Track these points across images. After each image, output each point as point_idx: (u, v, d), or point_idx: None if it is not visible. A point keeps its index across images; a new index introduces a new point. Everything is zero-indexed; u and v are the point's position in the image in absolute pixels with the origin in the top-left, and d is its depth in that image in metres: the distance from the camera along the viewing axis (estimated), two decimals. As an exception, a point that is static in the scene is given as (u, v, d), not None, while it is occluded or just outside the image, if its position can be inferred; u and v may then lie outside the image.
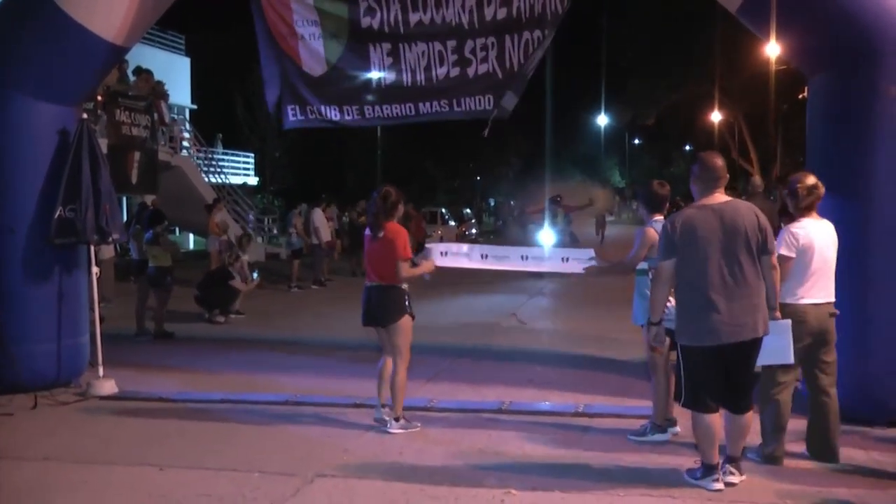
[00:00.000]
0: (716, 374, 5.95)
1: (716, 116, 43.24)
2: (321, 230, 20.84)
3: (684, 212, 6.05)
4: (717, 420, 6.02)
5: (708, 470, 6.05)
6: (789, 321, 6.25)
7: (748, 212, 5.97)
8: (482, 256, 8.80)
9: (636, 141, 75.44)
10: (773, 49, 17.35)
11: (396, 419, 7.74)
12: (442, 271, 8.55)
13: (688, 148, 60.73)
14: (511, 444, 7.27)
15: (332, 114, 9.94)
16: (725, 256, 5.83)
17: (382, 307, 7.73)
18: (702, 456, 6.11)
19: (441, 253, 8.58)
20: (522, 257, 8.76)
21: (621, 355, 10.81)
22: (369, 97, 9.80)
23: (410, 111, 9.73)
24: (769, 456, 6.59)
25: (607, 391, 9.05)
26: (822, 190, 6.67)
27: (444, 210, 38.47)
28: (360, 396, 8.79)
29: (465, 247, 9.11)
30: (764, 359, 6.12)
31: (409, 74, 9.59)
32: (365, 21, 9.51)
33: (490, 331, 13.35)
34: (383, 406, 7.87)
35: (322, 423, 8.02)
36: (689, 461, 6.48)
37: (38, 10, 8.90)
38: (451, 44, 9.42)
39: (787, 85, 32.02)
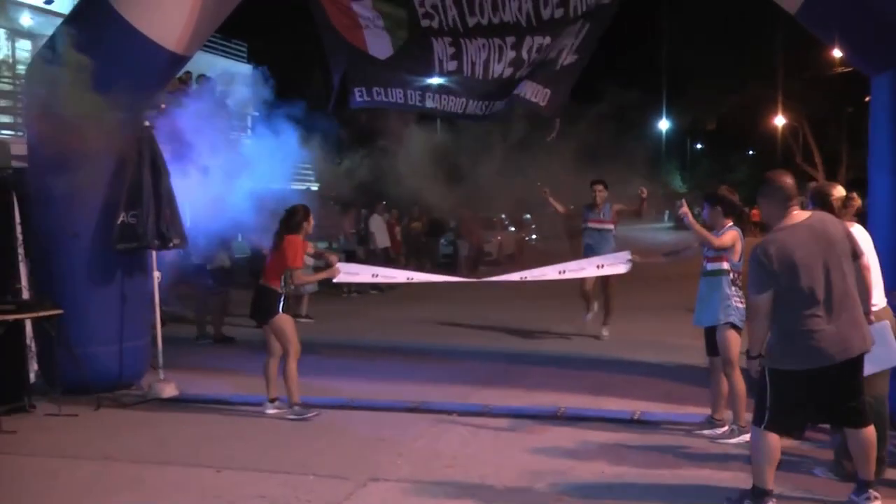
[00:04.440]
0: (815, 395, 5.59)
1: (779, 120, 42.64)
2: (377, 235, 20.96)
3: (775, 238, 5.64)
4: (778, 441, 5.65)
5: (759, 496, 5.65)
6: (886, 322, 6.03)
7: (833, 221, 5.74)
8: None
9: (697, 145, 74.56)
10: (836, 50, 17.07)
11: (291, 406, 8.46)
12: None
13: (750, 153, 59.91)
14: (565, 451, 7.24)
15: (397, 96, 9.97)
16: (827, 272, 5.50)
17: (256, 305, 8.61)
18: (755, 479, 5.72)
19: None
20: (560, 272, 8.88)
21: (678, 360, 10.70)
22: (432, 84, 9.83)
23: (462, 107, 9.73)
24: (850, 473, 6.06)
25: (664, 397, 8.97)
26: (859, 202, 6.45)
27: (503, 216, 38.23)
28: (415, 401, 8.84)
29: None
30: (869, 367, 5.78)
31: (470, 66, 9.59)
32: (424, 22, 9.54)
33: (544, 336, 13.32)
34: (272, 401, 8.62)
35: (376, 427, 8.06)
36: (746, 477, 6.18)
37: (101, 19, 9.09)
38: (511, 40, 9.40)
39: (851, 86, 31.47)
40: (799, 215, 5.68)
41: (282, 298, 8.53)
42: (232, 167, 13.24)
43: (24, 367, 8.91)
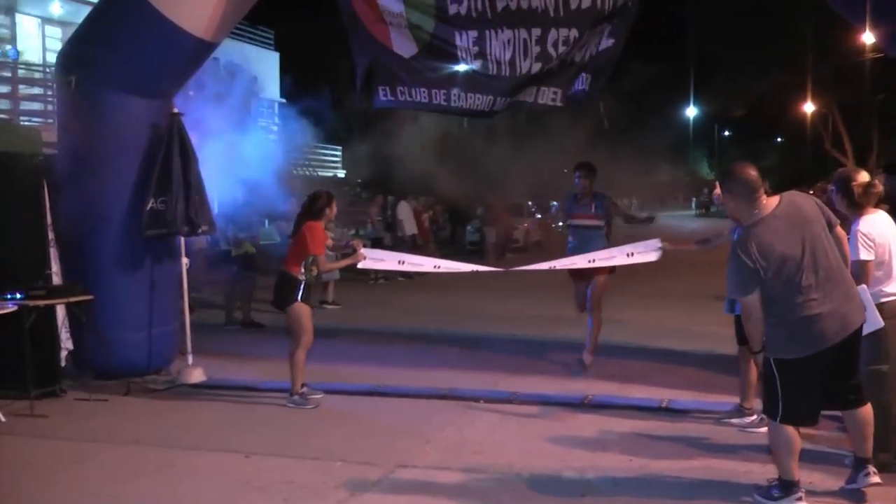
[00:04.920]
0: (820, 378, 5.48)
1: (808, 107, 42.25)
2: (405, 223, 20.97)
3: (752, 234, 5.48)
4: (796, 432, 5.57)
5: (787, 487, 5.59)
6: (864, 285, 5.84)
7: (804, 198, 5.63)
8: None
9: (725, 132, 74.08)
10: (868, 35, 16.87)
11: (291, 394, 8.44)
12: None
13: (779, 140, 59.46)
14: (593, 439, 7.23)
15: (422, 96, 9.96)
16: (811, 254, 5.38)
17: (276, 292, 8.55)
18: (780, 471, 5.65)
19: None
20: (589, 261, 8.82)
21: (706, 349, 10.64)
22: (456, 83, 9.81)
23: (489, 105, 9.71)
24: (882, 463, 5.91)
25: (692, 385, 8.92)
26: (881, 188, 6.24)
27: (530, 202, 38.12)
28: (443, 388, 8.84)
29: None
30: None
31: (494, 65, 9.56)
32: (452, 8, 9.50)
33: (575, 323, 13.26)
34: (304, 386, 8.56)
35: (405, 414, 8.08)
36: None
37: (130, 7, 9.13)
38: (536, 32, 9.33)
39: (883, 73, 31.12)
40: (768, 204, 5.52)
41: (301, 286, 8.43)
42: (256, 154, 13.30)
43: (55, 352, 8.99)
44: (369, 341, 11.99)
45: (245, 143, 13.23)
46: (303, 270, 8.40)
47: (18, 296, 8.36)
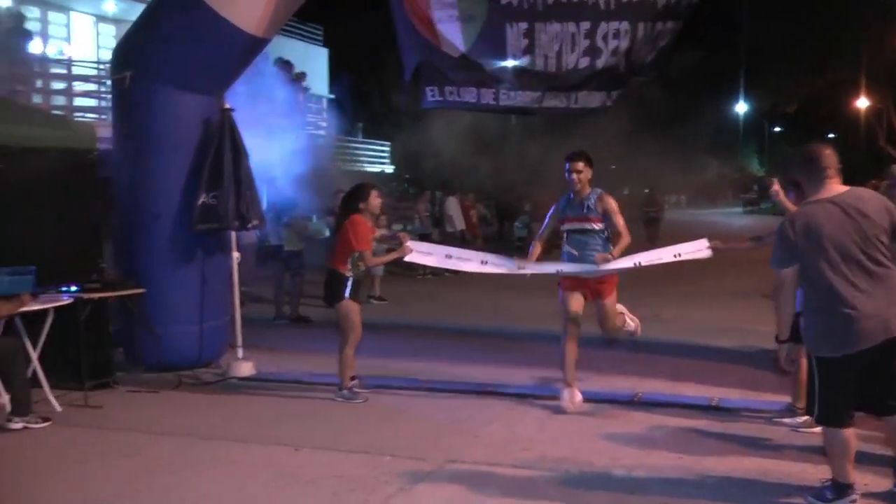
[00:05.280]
0: (856, 379, 5.36)
1: (862, 102, 41.60)
2: (454, 218, 20.98)
3: (803, 211, 5.48)
4: (853, 434, 5.47)
5: (840, 490, 5.48)
6: None
7: (872, 196, 5.50)
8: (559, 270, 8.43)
9: (776, 129, 73.20)
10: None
11: (340, 389, 8.45)
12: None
13: (831, 136, 58.63)
14: (642, 437, 7.19)
15: (469, 96, 9.97)
16: (860, 250, 5.26)
17: (326, 288, 8.55)
18: (834, 473, 5.54)
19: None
20: (636, 264, 8.39)
21: (756, 347, 10.52)
22: (504, 81, 9.79)
23: (536, 102, 9.68)
24: None
25: (742, 384, 8.83)
26: None
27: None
28: (491, 383, 8.84)
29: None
30: None
31: (542, 59, 9.52)
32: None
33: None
34: (351, 379, 8.54)
35: (453, 410, 8.09)
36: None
37: (183, 4, 9.24)
38: (585, 26, 9.30)
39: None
40: (834, 189, 5.43)
41: (349, 282, 8.36)
42: (304, 149, 13.36)
43: (108, 345, 9.12)
44: (416, 336, 12.01)
45: (293, 137, 13.32)
46: (349, 266, 8.34)
47: (74, 289, 8.50)
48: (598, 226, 8.06)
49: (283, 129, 15.52)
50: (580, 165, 8.04)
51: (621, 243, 7.98)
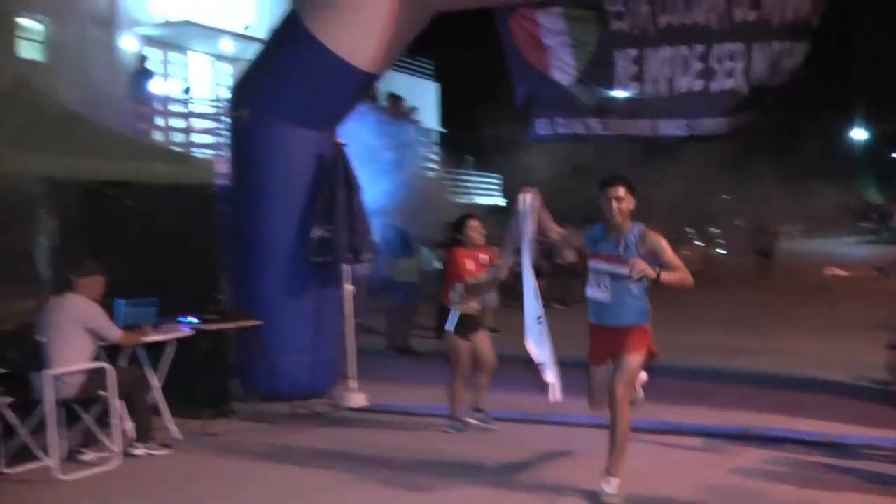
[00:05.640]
0: None
1: None
2: (563, 250, 20.87)
3: None
4: None
5: None
6: None
7: None
8: None
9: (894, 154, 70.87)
10: None
11: (451, 419, 8.55)
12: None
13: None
14: (758, 473, 7.03)
15: (578, 127, 9.97)
16: None
17: (436, 321, 8.72)
18: None
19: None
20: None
21: (877, 381, 10.15)
22: (613, 110, 9.75)
23: (648, 130, 9.61)
24: None
25: (862, 420, 8.54)
26: None
27: (688, 229, 37.28)
28: (605, 417, 8.74)
29: None
30: None
31: (652, 84, 9.45)
32: (615, 25, 9.49)
33: (735, 353, 12.94)
34: (477, 411, 8.63)
35: (566, 442, 8.07)
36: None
37: (298, 42, 9.49)
38: (699, 49, 9.22)
39: None
40: None
41: (452, 314, 8.34)
42: (417, 182, 13.51)
43: (226, 375, 9.35)
44: (529, 368, 11.92)
45: (405, 171, 13.51)
46: (455, 299, 8.33)
47: (194, 320, 8.74)
48: (625, 269, 6.35)
49: (394, 162, 15.76)
50: (621, 191, 6.39)
51: (674, 274, 6.36)
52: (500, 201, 40.17)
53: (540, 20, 9.69)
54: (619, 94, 9.74)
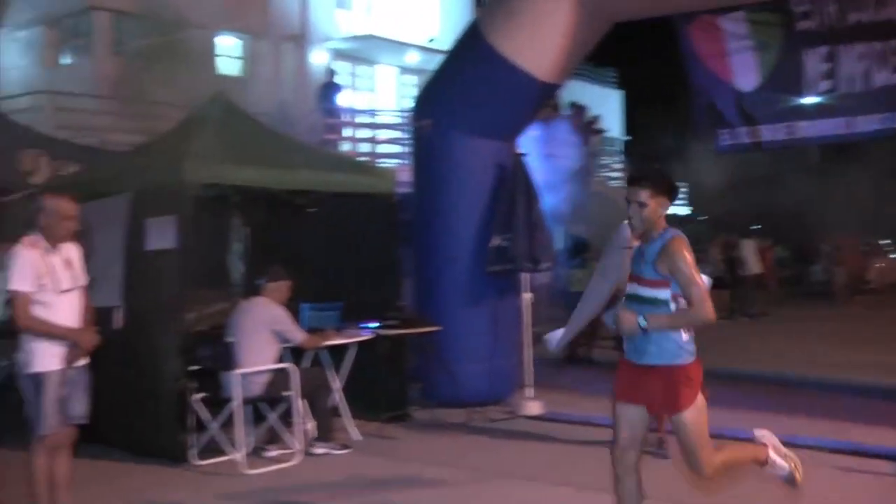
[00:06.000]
0: None
1: None
2: (749, 262, 20.35)
3: None
4: None
5: None
6: None
7: None
8: None
9: None
10: None
11: None
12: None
13: None
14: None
15: (765, 134, 9.68)
16: None
17: None
18: None
19: None
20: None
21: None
22: (802, 112, 9.42)
23: (843, 128, 9.20)
24: None
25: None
26: None
27: (886, 241, 35.39)
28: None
29: None
30: None
31: (846, 82, 9.07)
32: (801, 25, 9.19)
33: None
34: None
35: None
36: None
37: (478, 54, 9.63)
38: (894, 44, 8.82)
39: None
40: None
41: None
42: (599, 190, 13.42)
43: (405, 379, 9.55)
44: (715, 383, 11.65)
45: (586, 179, 13.45)
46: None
47: (375, 325, 8.97)
48: (660, 293, 4.99)
49: (575, 171, 15.72)
50: (642, 195, 4.96)
51: (683, 316, 5.07)
52: (685, 210, 39.42)
53: (722, 25, 9.48)
54: (808, 94, 9.39)
